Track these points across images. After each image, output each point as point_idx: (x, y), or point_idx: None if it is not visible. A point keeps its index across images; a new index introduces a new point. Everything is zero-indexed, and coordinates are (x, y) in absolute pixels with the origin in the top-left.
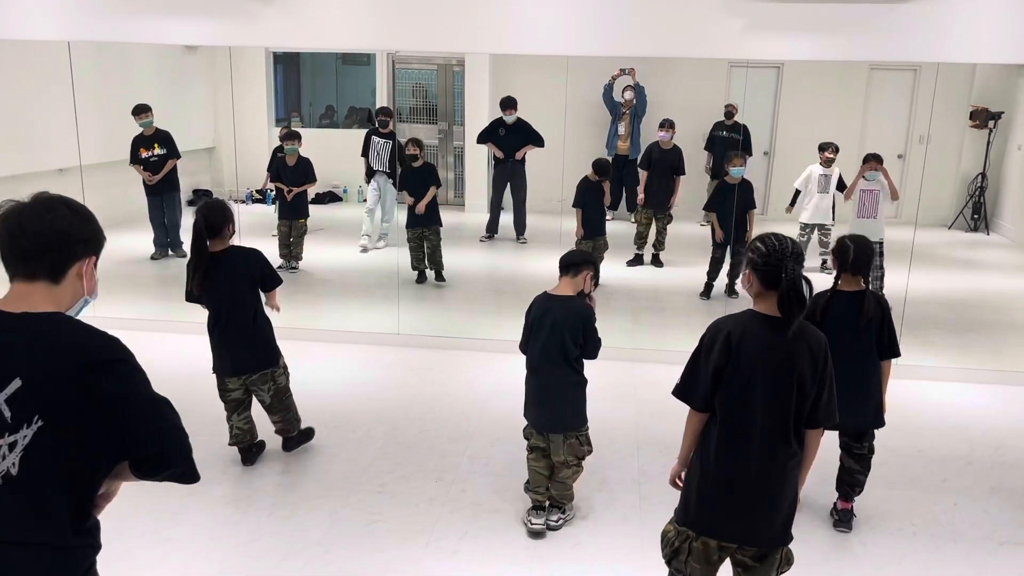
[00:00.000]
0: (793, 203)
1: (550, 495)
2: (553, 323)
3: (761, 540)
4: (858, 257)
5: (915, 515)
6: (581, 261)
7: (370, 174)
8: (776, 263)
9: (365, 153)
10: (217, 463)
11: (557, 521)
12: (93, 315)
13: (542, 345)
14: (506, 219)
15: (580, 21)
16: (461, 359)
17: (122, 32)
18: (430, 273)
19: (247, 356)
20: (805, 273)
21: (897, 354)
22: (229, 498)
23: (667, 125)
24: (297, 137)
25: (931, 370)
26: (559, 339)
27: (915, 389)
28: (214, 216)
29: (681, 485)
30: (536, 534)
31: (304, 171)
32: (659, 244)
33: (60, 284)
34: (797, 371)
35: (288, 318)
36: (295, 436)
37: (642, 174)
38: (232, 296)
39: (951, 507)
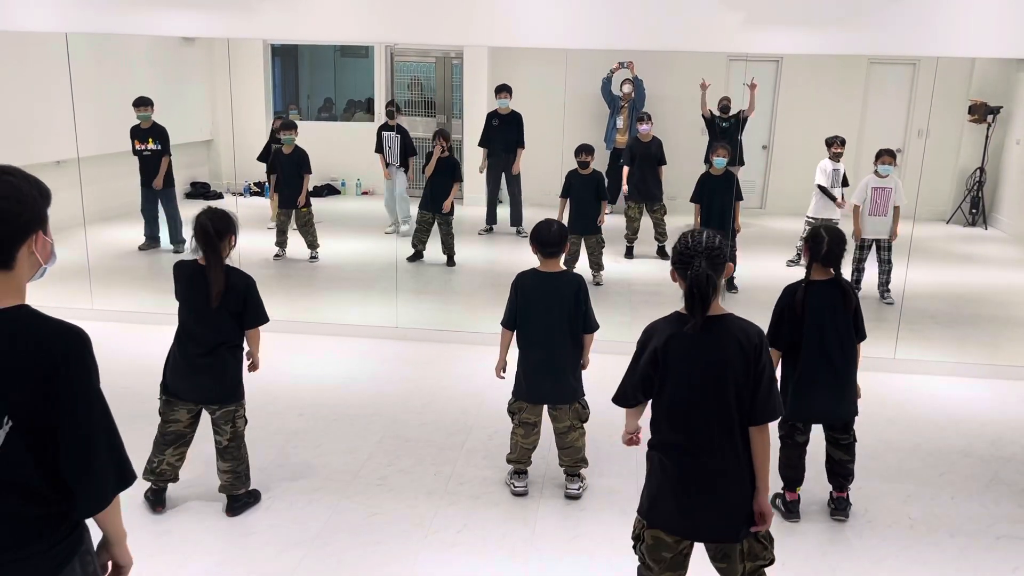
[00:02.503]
0: (832, 198)
1: (565, 465)
2: (560, 300)
3: (708, 536)
4: (831, 249)
5: (912, 509)
6: (561, 240)
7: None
8: (688, 259)
9: (380, 149)
10: (214, 455)
11: (579, 489)
12: (92, 308)
13: (553, 322)
14: (503, 211)
15: (579, 14)
16: (460, 352)
17: (120, 24)
18: (433, 256)
19: (211, 384)
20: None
21: (864, 337)
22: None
23: (646, 118)
24: (294, 127)
25: (928, 364)
26: (567, 315)
27: (912, 383)
28: (219, 223)
29: (635, 441)
30: (520, 495)
31: (300, 161)
32: (661, 235)
33: (14, 269)
34: (729, 367)
35: (287, 311)
36: (242, 495)
37: (625, 169)
38: (214, 313)
39: (948, 501)
